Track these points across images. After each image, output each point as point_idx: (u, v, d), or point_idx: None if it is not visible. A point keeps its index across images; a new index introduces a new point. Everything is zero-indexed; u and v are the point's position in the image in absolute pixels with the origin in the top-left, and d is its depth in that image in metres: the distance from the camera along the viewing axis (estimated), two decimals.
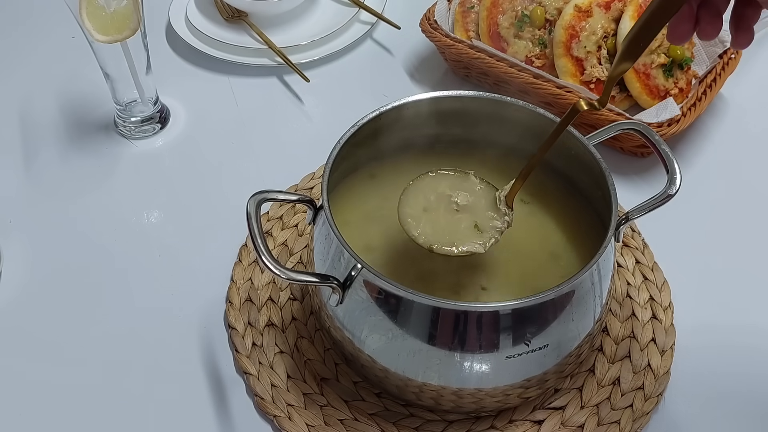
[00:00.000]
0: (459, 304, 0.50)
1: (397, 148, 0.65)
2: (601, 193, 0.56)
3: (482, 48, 0.83)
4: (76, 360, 0.64)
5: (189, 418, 0.61)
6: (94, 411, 0.61)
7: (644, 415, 0.60)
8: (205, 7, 0.98)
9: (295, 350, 0.64)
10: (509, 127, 0.63)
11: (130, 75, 0.78)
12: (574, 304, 0.53)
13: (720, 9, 0.46)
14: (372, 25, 0.98)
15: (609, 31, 0.80)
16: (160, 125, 0.84)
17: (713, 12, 0.46)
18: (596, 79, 0.79)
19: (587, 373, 0.62)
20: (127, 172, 0.80)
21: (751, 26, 0.47)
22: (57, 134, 0.84)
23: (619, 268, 0.69)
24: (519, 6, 0.84)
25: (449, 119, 0.64)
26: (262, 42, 0.93)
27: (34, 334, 0.66)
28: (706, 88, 0.79)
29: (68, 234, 0.74)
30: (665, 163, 0.58)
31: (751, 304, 0.68)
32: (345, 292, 0.52)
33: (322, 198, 0.54)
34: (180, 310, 0.67)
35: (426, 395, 0.56)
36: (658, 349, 0.63)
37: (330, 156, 0.57)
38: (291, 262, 0.71)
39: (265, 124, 0.86)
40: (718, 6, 0.46)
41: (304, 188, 0.77)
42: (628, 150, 0.80)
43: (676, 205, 0.57)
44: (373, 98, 0.87)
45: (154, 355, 0.64)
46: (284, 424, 0.59)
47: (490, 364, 0.53)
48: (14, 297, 0.68)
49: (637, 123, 0.61)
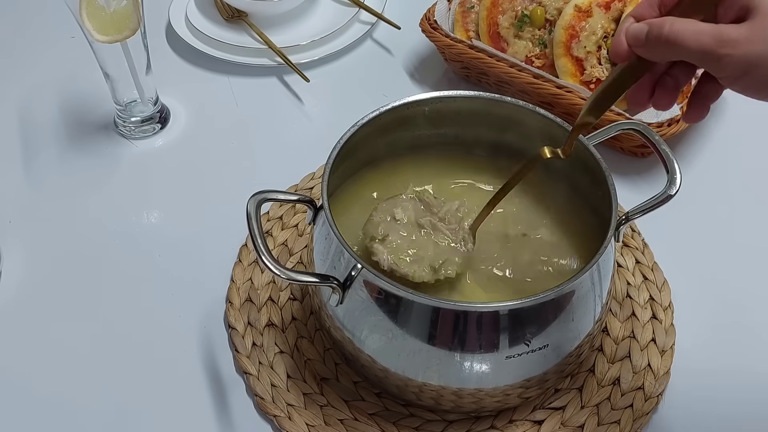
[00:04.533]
0: (459, 304, 0.50)
1: (397, 148, 0.65)
2: (601, 193, 0.56)
3: (482, 48, 0.83)
4: (76, 360, 0.64)
5: (189, 418, 0.60)
6: (94, 411, 0.61)
7: (644, 415, 0.60)
8: (205, 7, 0.98)
9: (295, 350, 0.64)
10: (509, 127, 0.63)
11: (130, 75, 0.78)
12: (574, 304, 0.53)
13: (680, 83, 0.48)
14: (372, 25, 0.98)
15: (609, 31, 0.80)
16: (160, 125, 0.84)
17: (672, 85, 0.48)
18: (596, 79, 0.79)
19: (587, 373, 0.62)
20: (127, 172, 0.80)
21: (708, 105, 0.48)
22: (57, 134, 0.84)
23: (619, 268, 0.69)
24: (519, 6, 0.84)
25: (449, 119, 0.64)
26: (262, 42, 0.93)
27: (34, 333, 0.66)
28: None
29: (68, 234, 0.74)
30: (665, 163, 0.58)
31: (751, 303, 0.68)
32: (345, 292, 0.52)
33: (322, 198, 0.54)
34: (180, 310, 0.67)
35: (426, 395, 0.56)
36: (658, 349, 0.63)
37: (330, 156, 0.57)
38: (291, 262, 0.71)
39: (265, 124, 0.86)
40: (678, 79, 0.47)
41: (304, 188, 0.77)
42: (628, 150, 0.80)
43: (676, 205, 0.57)
44: (373, 98, 0.87)
45: (154, 355, 0.64)
46: (284, 424, 0.59)
47: (490, 364, 0.53)
48: (14, 297, 0.68)
49: (637, 123, 0.61)
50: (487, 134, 0.65)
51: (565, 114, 0.78)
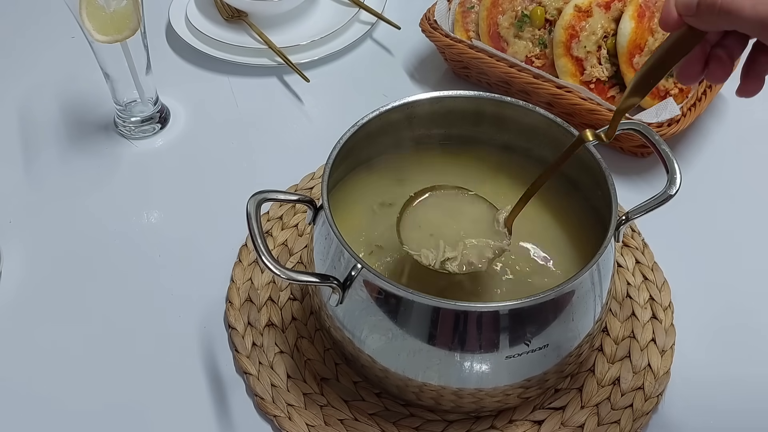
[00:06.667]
0: (459, 304, 0.50)
1: (397, 148, 0.65)
2: (601, 193, 0.56)
3: (482, 48, 0.83)
4: (76, 359, 0.64)
5: (189, 418, 0.61)
6: (94, 410, 0.61)
7: (644, 415, 0.60)
8: (205, 7, 0.98)
9: (295, 350, 0.64)
10: (509, 127, 0.63)
11: (130, 75, 0.78)
12: (574, 304, 0.53)
13: (734, 54, 0.45)
14: (372, 25, 0.98)
15: (609, 31, 0.80)
16: (160, 125, 0.84)
17: (726, 56, 0.45)
18: (596, 79, 0.79)
19: (587, 373, 0.62)
20: (127, 172, 0.80)
21: (763, 76, 0.45)
22: (57, 134, 0.84)
23: (619, 268, 0.69)
24: (519, 6, 0.84)
25: (449, 119, 0.64)
26: (262, 42, 0.93)
27: (34, 333, 0.66)
28: (706, 88, 0.79)
29: (68, 234, 0.74)
30: (665, 163, 0.58)
31: (752, 303, 0.68)
32: (345, 292, 0.52)
33: (322, 198, 0.54)
34: (180, 310, 0.67)
35: (426, 395, 0.56)
36: (658, 349, 0.63)
37: (330, 156, 0.57)
38: (291, 262, 0.71)
39: (265, 124, 0.86)
40: (732, 50, 0.44)
41: (304, 188, 0.77)
42: (628, 150, 0.80)
43: (676, 205, 0.57)
44: (373, 98, 0.87)
45: (155, 355, 0.64)
46: (284, 424, 0.59)
47: (490, 364, 0.53)
48: (14, 297, 0.68)
49: (637, 123, 0.61)
50: (487, 134, 0.65)
51: (565, 114, 0.78)
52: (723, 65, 0.45)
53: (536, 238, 0.62)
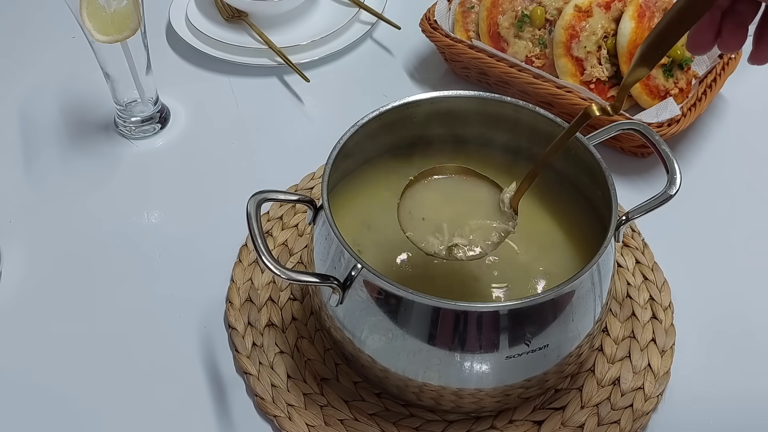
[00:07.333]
0: (459, 304, 0.50)
1: (397, 148, 0.65)
2: (601, 193, 0.56)
3: (482, 48, 0.83)
4: (76, 359, 0.64)
5: (189, 418, 0.61)
6: (94, 411, 0.61)
7: (644, 415, 0.60)
8: (205, 7, 0.98)
9: (295, 350, 0.64)
10: (509, 127, 0.63)
11: (130, 75, 0.78)
12: (574, 304, 0.53)
13: (746, 19, 0.42)
14: (372, 25, 0.98)
15: (609, 31, 0.80)
16: (160, 125, 0.84)
17: (738, 22, 0.42)
18: (596, 79, 0.79)
19: (587, 373, 0.62)
20: (127, 172, 0.80)
21: None
22: (57, 134, 0.84)
23: (619, 268, 0.69)
24: (519, 6, 0.84)
25: (449, 119, 0.64)
26: (262, 42, 0.93)
27: (34, 333, 0.66)
28: (706, 88, 0.79)
29: (68, 234, 0.74)
30: (665, 163, 0.58)
31: (752, 303, 0.68)
32: (345, 292, 0.52)
33: (322, 198, 0.54)
34: (180, 310, 0.67)
35: (426, 395, 0.56)
36: (658, 350, 0.63)
37: (330, 156, 0.57)
38: (291, 262, 0.71)
39: (265, 124, 0.86)
40: (744, 15, 0.42)
41: (304, 188, 0.77)
42: (628, 150, 0.80)
43: (676, 205, 0.57)
44: (373, 98, 0.87)
45: (155, 355, 0.64)
46: (284, 424, 0.59)
47: (490, 364, 0.53)
48: (14, 297, 0.68)
49: (637, 123, 0.61)
50: (487, 134, 0.65)
51: (565, 114, 0.78)
52: (736, 32, 0.42)
53: (536, 238, 0.62)
